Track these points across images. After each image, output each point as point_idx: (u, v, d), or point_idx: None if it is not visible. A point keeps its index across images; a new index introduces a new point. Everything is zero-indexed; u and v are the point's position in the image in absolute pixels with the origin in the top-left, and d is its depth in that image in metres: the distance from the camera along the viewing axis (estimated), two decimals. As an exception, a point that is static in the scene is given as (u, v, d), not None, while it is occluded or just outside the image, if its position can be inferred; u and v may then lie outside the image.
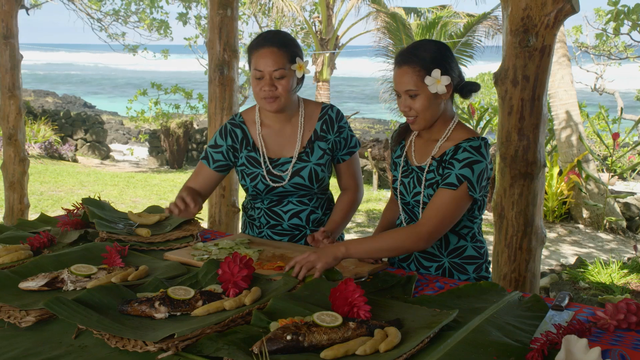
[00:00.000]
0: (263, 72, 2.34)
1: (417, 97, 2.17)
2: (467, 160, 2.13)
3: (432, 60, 2.15)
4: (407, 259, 2.36)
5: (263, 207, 2.56)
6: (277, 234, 2.56)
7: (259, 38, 2.42)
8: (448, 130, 2.24)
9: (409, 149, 2.36)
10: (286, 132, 2.50)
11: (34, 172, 11.06)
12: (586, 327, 1.64)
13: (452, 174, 2.13)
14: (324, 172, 2.49)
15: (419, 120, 2.21)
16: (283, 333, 1.52)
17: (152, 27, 15.29)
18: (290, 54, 2.37)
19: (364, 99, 41.06)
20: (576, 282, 5.31)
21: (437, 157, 2.22)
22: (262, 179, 2.47)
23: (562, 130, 9.26)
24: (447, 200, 2.11)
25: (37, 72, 62.10)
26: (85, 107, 29.45)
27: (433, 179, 2.21)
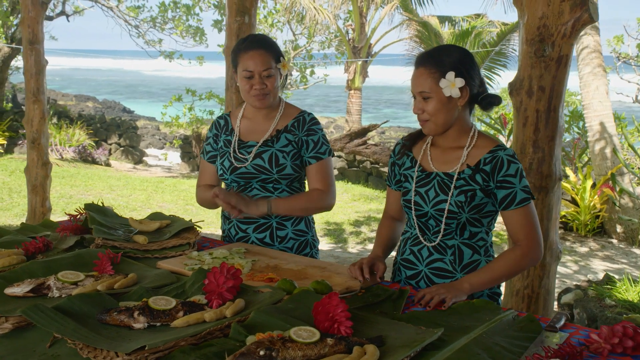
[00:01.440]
0: (253, 72, 2.55)
1: (430, 100, 2.15)
2: (518, 171, 2.16)
3: (449, 63, 2.14)
4: (417, 276, 2.27)
5: None
6: (243, 222, 2.66)
7: (245, 42, 2.61)
8: (472, 139, 2.23)
9: (423, 157, 2.30)
10: (261, 124, 2.69)
11: (66, 175, 11.25)
12: (577, 350, 1.55)
13: (517, 191, 2.14)
14: (285, 159, 2.60)
15: (429, 124, 2.19)
16: (256, 348, 1.47)
17: (188, 33, 15.48)
18: (275, 54, 2.60)
19: (397, 108, 40.89)
20: (602, 299, 5.14)
21: (473, 166, 2.18)
22: (228, 157, 2.66)
23: (595, 142, 9.04)
24: (531, 213, 2.16)
25: (78, 77, 63.42)
26: (124, 112, 29.92)
27: (465, 186, 2.17)
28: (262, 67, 2.54)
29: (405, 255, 2.31)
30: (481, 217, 2.20)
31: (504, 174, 2.14)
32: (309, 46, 16.01)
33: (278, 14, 15.20)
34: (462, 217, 2.17)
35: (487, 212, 2.20)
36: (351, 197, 10.96)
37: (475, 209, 2.17)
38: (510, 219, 2.17)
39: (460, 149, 2.22)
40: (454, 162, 2.22)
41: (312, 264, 2.29)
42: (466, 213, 2.16)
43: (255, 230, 2.64)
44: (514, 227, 2.16)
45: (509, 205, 2.15)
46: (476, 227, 2.21)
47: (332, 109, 38.58)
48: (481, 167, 2.17)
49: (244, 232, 2.66)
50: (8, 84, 16.95)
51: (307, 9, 14.89)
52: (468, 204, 2.15)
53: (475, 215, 2.18)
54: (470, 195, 2.16)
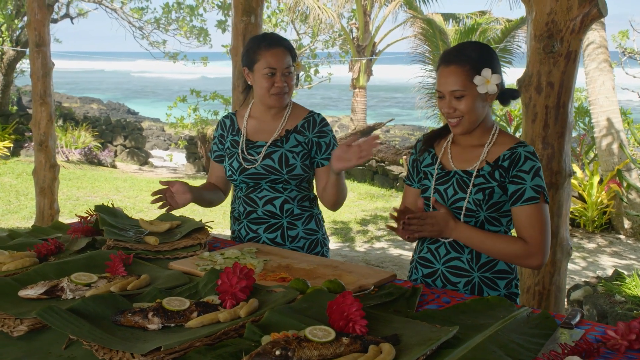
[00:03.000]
0: (276, 69, 2.55)
1: (464, 98, 2.11)
2: (533, 169, 2.12)
3: (481, 59, 2.11)
4: (433, 274, 2.26)
5: (241, 195, 2.69)
6: (254, 222, 2.66)
7: (266, 39, 2.61)
8: (493, 136, 2.20)
9: (443, 155, 2.28)
10: (269, 123, 2.68)
11: (72, 177, 11.27)
12: (594, 347, 1.55)
13: (526, 187, 2.10)
14: (295, 159, 2.59)
15: (463, 122, 2.15)
16: (272, 348, 1.47)
17: (192, 34, 15.49)
18: (292, 54, 2.63)
19: (402, 106, 40.85)
20: (612, 295, 5.13)
21: (492, 162, 2.16)
22: (237, 157, 2.65)
23: (602, 137, 9.01)
24: (539, 214, 2.10)
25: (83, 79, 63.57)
26: (128, 114, 29.97)
27: (484, 184, 2.15)
28: (285, 65, 2.56)
29: (423, 254, 2.30)
30: (500, 216, 2.17)
31: (518, 169, 2.11)
32: (313, 45, 16.00)
33: (282, 14, 15.19)
34: (480, 216, 2.15)
35: (506, 211, 2.17)
36: (357, 196, 10.95)
37: (494, 207, 2.14)
38: (517, 216, 2.13)
39: (481, 147, 2.20)
40: (473, 160, 2.20)
41: (323, 263, 2.29)
42: (484, 211, 2.14)
43: (266, 231, 2.64)
44: (519, 226, 2.12)
45: (517, 201, 2.11)
46: (495, 226, 2.18)
47: (336, 108, 38.56)
48: (500, 164, 2.15)
49: (254, 233, 2.66)
50: (13, 87, 17.00)
51: (310, 8, 14.88)
52: (486, 202, 2.13)
53: (494, 214, 2.16)
54: (489, 193, 2.13)
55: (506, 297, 2.21)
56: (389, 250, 7.43)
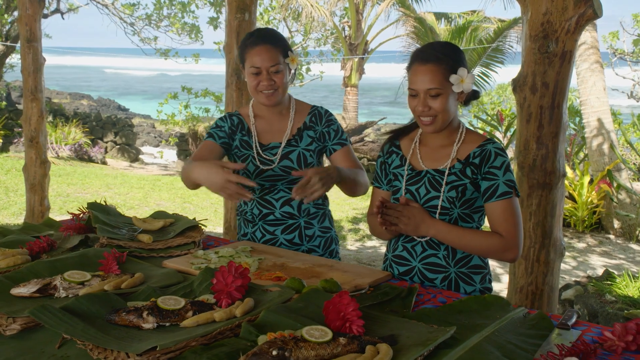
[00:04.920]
0: (260, 68, 2.48)
1: (439, 97, 2.12)
2: (504, 164, 2.15)
3: (456, 58, 2.14)
4: (410, 272, 2.28)
5: (255, 197, 2.62)
6: (270, 224, 2.61)
7: (252, 37, 2.54)
8: (460, 134, 2.23)
9: (412, 156, 2.30)
10: (277, 123, 2.63)
11: (62, 174, 11.20)
12: (591, 348, 1.54)
13: (499, 183, 2.14)
14: (312, 158, 2.58)
15: (437, 121, 2.15)
16: (269, 348, 1.46)
17: (184, 31, 15.42)
18: (282, 49, 2.53)
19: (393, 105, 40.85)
20: (602, 295, 5.15)
21: (463, 160, 2.18)
22: (252, 160, 2.57)
23: (593, 138, 9.05)
24: (512, 209, 2.14)
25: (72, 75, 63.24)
26: (118, 110, 29.83)
27: (457, 182, 2.17)
28: (270, 63, 2.48)
29: (398, 252, 2.32)
30: (472, 213, 2.21)
31: (490, 165, 2.15)
32: (305, 43, 15.97)
33: (274, 11, 15.16)
34: (454, 213, 2.18)
35: (478, 207, 2.22)
36: (349, 194, 10.94)
37: (466, 204, 2.18)
38: (491, 212, 2.16)
39: (450, 146, 2.23)
40: (444, 159, 2.23)
41: (318, 262, 2.28)
42: (458, 208, 2.18)
43: (283, 232, 2.60)
44: (494, 221, 2.16)
45: (490, 197, 2.14)
46: (467, 222, 2.22)
47: (328, 106, 38.46)
48: (471, 161, 2.18)
49: (271, 234, 2.61)
50: (2, 82, 16.87)
51: (303, 6, 14.86)
52: (459, 199, 2.16)
53: (466, 210, 2.19)
54: (461, 190, 2.16)
55: (480, 292, 2.25)
56: (380, 249, 7.43)
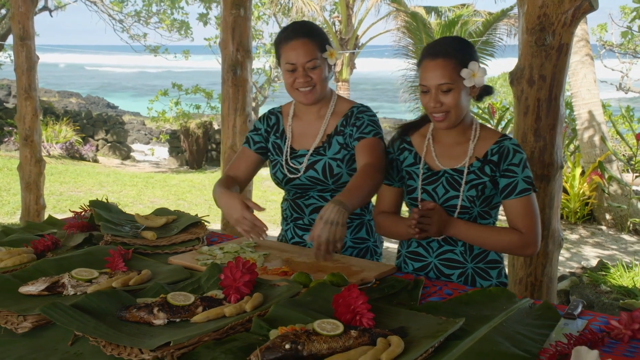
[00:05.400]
0: (295, 65, 2.32)
1: (451, 92, 2.08)
2: (522, 161, 2.14)
3: (466, 53, 2.11)
4: (426, 267, 2.25)
5: (289, 198, 2.55)
6: (300, 228, 2.52)
7: (286, 30, 2.38)
8: (475, 131, 2.20)
9: (427, 154, 2.25)
10: (313, 125, 2.46)
11: (54, 172, 11.15)
12: (599, 337, 1.57)
13: (518, 180, 2.12)
14: (340, 167, 2.39)
15: (450, 117, 2.11)
16: (282, 342, 1.47)
17: (173, 27, 15.38)
18: (320, 42, 2.35)
19: (384, 99, 40.92)
20: (597, 285, 5.20)
21: (481, 157, 2.16)
22: (280, 168, 2.47)
23: (584, 130, 9.11)
24: (531, 205, 2.12)
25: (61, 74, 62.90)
26: (108, 108, 29.68)
27: (476, 180, 2.15)
28: (305, 58, 2.30)
29: (412, 248, 2.30)
30: (490, 209, 2.20)
31: (509, 162, 2.13)
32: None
33: (264, 7, 15.13)
34: (473, 212, 2.16)
35: (496, 204, 2.21)
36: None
37: (486, 201, 2.16)
38: (510, 209, 2.14)
39: (465, 143, 2.19)
40: (461, 157, 2.19)
41: (324, 258, 2.28)
42: (477, 207, 2.16)
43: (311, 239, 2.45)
44: (513, 218, 2.14)
45: (509, 195, 2.12)
46: (485, 219, 2.20)
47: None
48: (489, 158, 2.15)
49: (300, 238, 2.52)
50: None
51: (293, 1, 14.84)
52: (479, 197, 2.14)
53: (485, 208, 2.18)
54: (481, 189, 2.14)
55: (497, 286, 2.23)
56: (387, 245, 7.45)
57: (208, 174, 12.99)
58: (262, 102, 15.99)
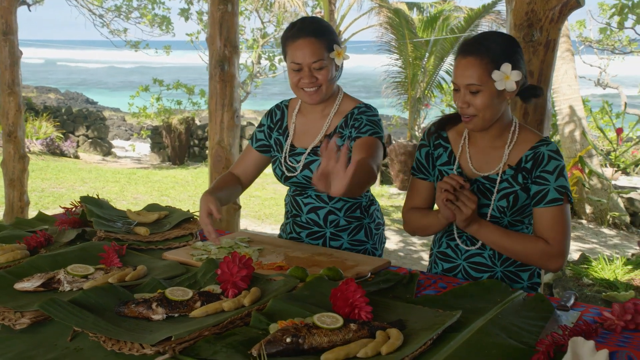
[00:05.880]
0: (301, 65, 2.24)
1: (479, 94, 1.95)
2: (557, 168, 2.00)
3: (502, 52, 1.96)
4: (454, 269, 2.20)
5: (290, 194, 2.53)
6: (298, 225, 2.48)
7: (293, 28, 2.29)
8: (513, 134, 2.07)
9: (461, 157, 2.14)
10: (315, 124, 2.41)
11: (35, 168, 11.04)
12: (593, 328, 1.60)
13: (550, 189, 2.00)
14: None
15: (476, 120, 2.00)
16: (282, 335, 1.49)
17: (154, 23, 15.26)
18: (327, 42, 2.26)
19: (367, 95, 41.00)
20: (580, 278, 5.27)
21: (514, 165, 2.05)
22: (279, 165, 2.44)
23: (565, 125, 9.22)
24: (562, 216, 2.00)
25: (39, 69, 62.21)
26: (87, 104, 29.43)
27: (508, 189, 2.04)
28: (312, 59, 2.23)
29: (442, 249, 2.24)
30: (523, 218, 2.11)
31: (542, 169, 2.01)
32: (277, 34, 15.90)
33: (246, 2, 15.07)
34: (504, 221, 2.08)
35: (530, 212, 2.10)
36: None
37: (518, 211, 2.07)
38: (539, 218, 2.03)
39: (501, 148, 2.07)
40: (495, 162, 2.08)
41: (318, 251, 2.30)
42: (508, 217, 2.07)
43: (308, 236, 2.46)
44: (541, 227, 2.02)
45: (539, 203, 2.01)
46: (517, 226, 2.11)
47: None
48: (523, 166, 2.04)
49: (297, 235, 2.49)
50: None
51: (275, -3, 14.79)
52: (510, 208, 2.05)
53: (518, 217, 2.09)
54: (513, 199, 2.04)
55: (529, 288, 2.16)
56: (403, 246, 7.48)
57: (191, 170, 12.95)
58: (244, 98, 15.93)
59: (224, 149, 4.23)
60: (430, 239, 2.42)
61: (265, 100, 24.93)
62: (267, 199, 9.59)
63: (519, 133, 2.08)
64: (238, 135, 4.29)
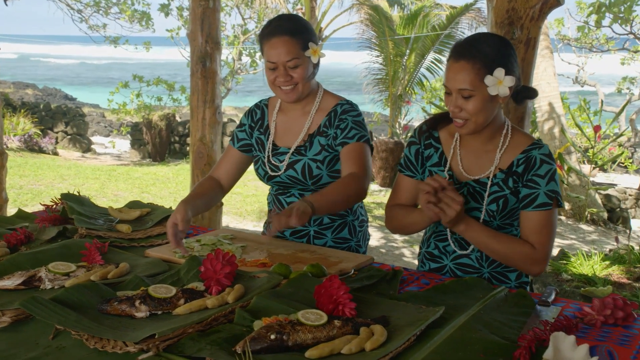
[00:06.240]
0: (277, 63, 2.24)
1: (472, 99, 1.91)
2: (549, 173, 1.97)
3: (495, 57, 1.90)
4: (442, 269, 2.19)
5: (272, 193, 2.51)
6: None
7: (269, 27, 2.28)
8: (505, 138, 2.03)
9: (453, 160, 2.11)
10: (297, 122, 2.40)
11: (13, 165, 10.90)
12: (573, 323, 1.62)
13: (540, 193, 1.97)
14: (319, 169, 2.32)
15: (469, 124, 1.96)
16: (267, 332, 1.49)
17: (134, 18, 15.14)
18: (303, 40, 2.25)
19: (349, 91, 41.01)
20: (559, 274, 5.33)
21: (505, 169, 2.02)
22: (262, 165, 2.41)
23: (544, 122, 9.31)
24: (550, 221, 1.98)
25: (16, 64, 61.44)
26: (66, 100, 29.15)
27: (498, 192, 2.02)
28: (287, 58, 2.22)
29: (430, 249, 2.24)
30: (512, 221, 2.09)
31: (534, 173, 1.98)
32: (258, 30, 15.87)
33: (227, -2, 15.01)
34: (494, 224, 2.06)
35: (518, 215, 2.08)
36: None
37: (507, 215, 2.05)
38: (526, 221, 2.00)
39: (493, 151, 2.04)
40: (486, 166, 2.05)
41: (301, 247, 2.31)
42: (497, 220, 2.06)
43: (292, 235, 2.45)
44: (527, 231, 1.99)
45: (528, 206, 1.98)
46: (506, 228, 2.09)
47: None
48: (514, 170, 2.01)
49: (281, 234, 2.46)
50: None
51: (256, -7, 14.74)
52: (500, 212, 2.03)
53: (508, 220, 2.08)
54: (502, 202, 2.02)
55: (516, 288, 2.12)
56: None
57: (172, 167, 12.88)
58: (225, 94, 15.88)
59: (205, 146, 4.22)
60: (413, 236, 2.43)
61: (246, 97, 24.86)
62: (249, 195, 9.57)
63: (512, 137, 2.04)
64: (220, 132, 4.28)
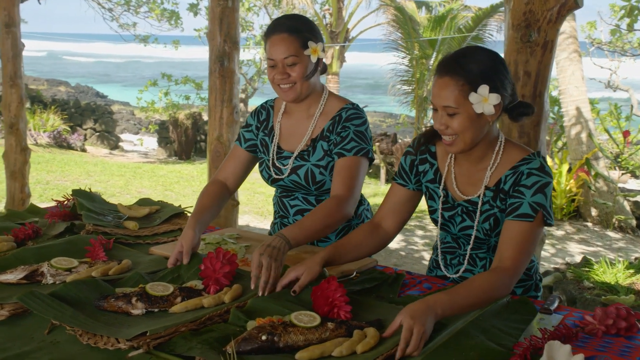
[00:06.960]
0: (275, 60, 2.22)
1: (456, 116, 1.82)
2: (537, 184, 1.84)
3: (480, 73, 1.80)
4: (448, 278, 2.12)
5: (277, 194, 2.50)
6: (285, 226, 2.43)
7: (271, 24, 2.28)
8: (497, 155, 1.93)
9: (447, 177, 2.03)
10: (301, 125, 2.36)
11: (42, 161, 11.09)
12: (573, 332, 1.59)
13: (524, 202, 1.83)
14: (322, 175, 2.29)
15: (457, 142, 1.87)
16: (258, 333, 1.48)
17: (163, 17, 15.29)
18: (302, 38, 2.21)
19: (374, 93, 40.91)
20: (580, 281, 5.24)
21: (492, 187, 1.93)
22: (266, 168, 2.39)
23: (572, 127, 9.17)
24: (526, 235, 1.82)
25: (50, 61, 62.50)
26: (97, 97, 29.54)
27: (490, 211, 1.94)
28: (284, 55, 2.19)
29: (438, 258, 2.17)
30: None
31: (520, 184, 1.87)
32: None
33: (255, -2, 15.09)
34: (490, 242, 1.99)
35: None
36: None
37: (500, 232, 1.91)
38: (504, 230, 1.86)
39: (484, 170, 1.95)
40: (478, 185, 1.97)
41: (304, 249, 2.29)
42: (493, 237, 1.97)
43: None
44: (502, 240, 1.85)
45: (509, 214, 1.86)
46: None
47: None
48: (501, 187, 1.92)
49: None
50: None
51: (284, -7, 14.79)
52: (493, 230, 1.95)
53: None
54: (493, 221, 1.93)
55: None
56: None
57: (197, 165, 12.97)
58: (251, 94, 15.95)
59: (222, 145, 4.23)
60: (433, 239, 2.39)
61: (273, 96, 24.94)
62: (271, 195, 9.59)
63: (504, 152, 1.94)
64: (237, 131, 4.29)
